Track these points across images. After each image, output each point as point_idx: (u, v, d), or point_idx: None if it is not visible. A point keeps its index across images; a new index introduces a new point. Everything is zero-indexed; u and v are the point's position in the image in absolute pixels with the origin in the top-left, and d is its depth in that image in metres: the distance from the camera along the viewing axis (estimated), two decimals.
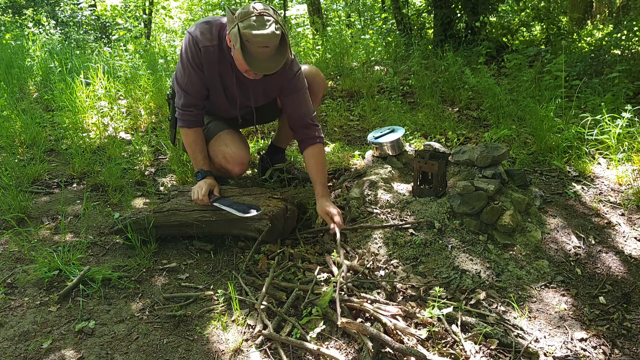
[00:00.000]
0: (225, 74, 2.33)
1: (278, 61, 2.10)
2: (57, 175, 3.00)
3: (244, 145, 2.53)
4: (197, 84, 2.32)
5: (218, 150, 2.45)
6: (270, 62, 2.08)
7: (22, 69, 4.70)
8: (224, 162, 2.45)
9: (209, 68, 2.29)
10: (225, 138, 2.47)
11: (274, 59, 2.08)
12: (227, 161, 2.44)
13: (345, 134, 3.78)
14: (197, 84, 2.32)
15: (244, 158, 2.47)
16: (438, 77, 4.68)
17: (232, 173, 2.51)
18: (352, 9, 10.98)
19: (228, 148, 2.44)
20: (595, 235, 2.35)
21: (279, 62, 2.10)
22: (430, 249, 2.17)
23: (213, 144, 2.47)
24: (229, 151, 2.43)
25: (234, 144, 2.46)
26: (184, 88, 2.34)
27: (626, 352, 1.73)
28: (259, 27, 2.00)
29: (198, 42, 2.23)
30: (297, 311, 1.88)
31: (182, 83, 2.34)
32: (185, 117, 2.39)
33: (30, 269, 2.10)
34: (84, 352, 1.69)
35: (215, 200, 2.29)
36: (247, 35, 2.00)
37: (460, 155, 2.59)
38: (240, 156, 2.45)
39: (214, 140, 2.48)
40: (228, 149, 2.44)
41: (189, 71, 2.29)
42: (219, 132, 2.50)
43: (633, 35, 4.88)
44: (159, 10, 10.00)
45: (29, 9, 10.76)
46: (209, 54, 2.25)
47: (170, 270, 2.17)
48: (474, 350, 1.68)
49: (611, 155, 2.89)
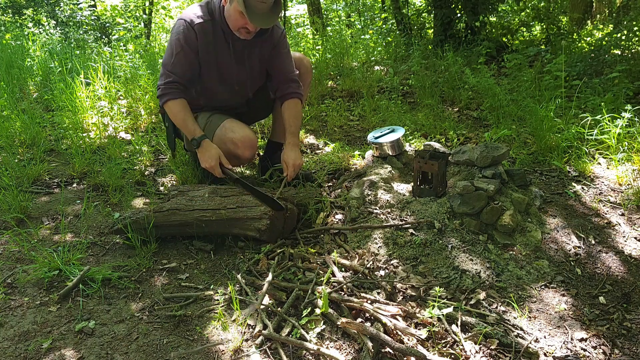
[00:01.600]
0: (221, 48, 2.43)
1: (272, 18, 2.30)
2: (57, 175, 3.00)
3: (250, 129, 2.60)
4: (184, 65, 2.41)
5: (226, 138, 2.49)
6: (267, 17, 2.27)
7: (22, 69, 4.70)
8: (234, 148, 2.49)
9: (205, 46, 2.39)
10: (231, 125, 2.53)
11: (270, 15, 2.28)
12: (237, 146, 2.49)
13: (345, 134, 3.78)
14: (185, 65, 2.41)
15: (253, 141, 2.53)
16: (438, 77, 4.68)
17: (243, 158, 2.55)
18: (352, 9, 10.98)
19: (235, 134, 2.49)
20: (595, 235, 2.35)
21: (273, 19, 2.31)
22: (430, 249, 2.17)
23: (219, 134, 2.51)
24: (237, 136, 2.48)
25: (241, 129, 2.52)
26: (169, 69, 2.42)
27: (626, 352, 1.73)
28: None
29: (192, 22, 2.35)
30: (297, 311, 1.88)
31: (168, 64, 2.42)
32: (167, 91, 2.43)
33: (30, 269, 2.10)
34: (84, 352, 1.69)
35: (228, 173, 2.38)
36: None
37: (460, 155, 2.59)
38: (250, 139, 2.51)
39: (218, 130, 2.52)
40: (236, 134, 2.49)
41: (177, 52, 2.38)
42: (222, 122, 2.54)
43: (633, 35, 4.88)
44: (159, 10, 10.00)
45: (29, 9, 10.77)
46: (204, 30, 2.37)
47: (170, 270, 2.17)
48: (474, 350, 1.68)
49: (611, 155, 2.89)
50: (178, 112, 2.45)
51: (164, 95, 2.44)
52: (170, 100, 2.43)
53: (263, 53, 2.56)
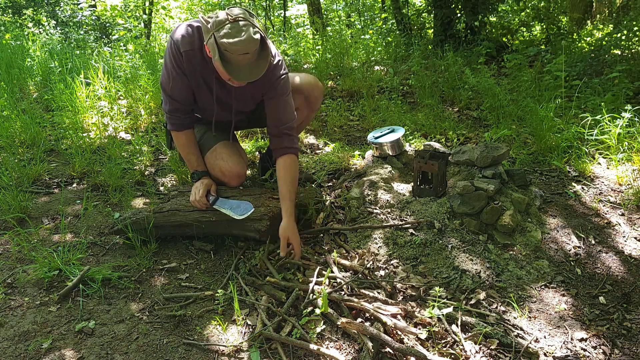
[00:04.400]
0: (208, 79, 2.27)
1: (261, 66, 2.01)
2: (57, 175, 3.00)
3: (240, 159, 2.48)
4: (182, 89, 2.27)
5: (214, 164, 2.42)
6: (252, 68, 1.99)
7: (22, 69, 4.69)
8: (221, 176, 2.42)
9: (192, 73, 2.23)
10: (222, 152, 2.42)
11: (257, 64, 1.99)
12: (224, 175, 2.42)
13: (345, 134, 3.78)
14: (182, 89, 2.27)
15: (240, 172, 2.44)
16: (438, 77, 4.68)
17: (230, 185, 2.48)
18: (352, 9, 10.98)
19: (224, 162, 2.40)
20: (595, 235, 2.35)
21: (262, 67, 2.01)
22: (430, 249, 2.17)
23: (209, 157, 2.44)
24: (225, 166, 2.40)
25: (230, 158, 2.41)
26: (169, 93, 2.29)
27: (626, 352, 1.73)
28: (236, 34, 1.90)
29: (179, 46, 2.16)
30: (297, 311, 1.88)
31: (167, 88, 2.29)
32: (173, 121, 2.37)
33: (30, 269, 2.10)
34: (84, 352, 1.69)
35: (214, 202, 2.29)
36: (225, 44, 1.90)
37: (460, 155, 2.59)
38: (237, 170, 2.42)
39: (209, 153, 2.44)
40: (224, 163, 2.40)
41: (173, 76, 2.23)
42: (213, 145, 2.45)
43: (633, 35, 4.88)
44: (159, 10, 10.00)
45: (29, 9, 10.77)
46: (190, 59, 2.18)
47: (170, 270, 2.17)
48: (474, 350, 1.68)
49: (611, 155, 2.89)
50: (182, 145, 2.41)
51: (169, 124, 2.40)
52: (174, 132, 2.40)
53: (255, 94, 2.37)
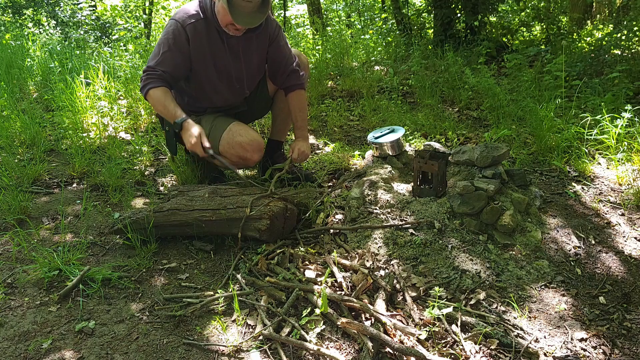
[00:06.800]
0: (215, 45, 2.42)
1: (259, 17, 2.28)
2: (57, 175, 3.00)
3: (257, 133, 2.61)
4: (169, 63, 2.38)
5: (234, 142, 2.48)
6: (252, 17, 2.26)
7: (22, 69, 4.69)
8: (242, 152, 2.49)
9: (198, 46, 2.38)
10: (237, 129, 2.52)
11: (256, 14, 2.26)
12: (246, 150, 2.49)
13: (345, 134, 3.78)
14: (169, 63, 2.38)
15: (260, 144, 2.55)
16: (438, 77, 4.68)
17: (251, 161, 2.57)
18: (352, 9, 10.98)
19: (243, 137, 2.49)
20: (595, 235, 2.35)
21: (259, 18, 2.28)
22: (430, 249, 2.17)
23: (226, 137, 2.50)
24: (245, 140, 2.49)
25: (248, 133, 2.52)
26: (152, 64, 2.39)
27: (626, 352, 1.73)
28: None
29: (184, 23, 2.33)
30: (297, 311, 1.88)
31: (152, 60, 2.39)
32: (150, 80, 2.37)
33: (30, 269, 2.10)
34: (84, 352, 1.69)
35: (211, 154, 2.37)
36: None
37: (460, 155, 2.59)
38: (258, 142, 2.53)
39: (225, 134, 2.51)
40: (244, 138, 2.49)
41: (164, 51, 2.36)
42: (227, 125, 2.53)
43: (633, 35, 4.87)
44: (159, 10, 10.00)
45: (29, 9, 10.77)
46: (196, 30, 2.35)
47: (170, 270, 2.17)
48: (474, 350, 1.68)
49: (611, 155, 2.89)
50: (158, 99, 2.36)
51: (145, 86, 2.37)
52: (152, 89, 2.35)
53: (260, 46, 2.57)
